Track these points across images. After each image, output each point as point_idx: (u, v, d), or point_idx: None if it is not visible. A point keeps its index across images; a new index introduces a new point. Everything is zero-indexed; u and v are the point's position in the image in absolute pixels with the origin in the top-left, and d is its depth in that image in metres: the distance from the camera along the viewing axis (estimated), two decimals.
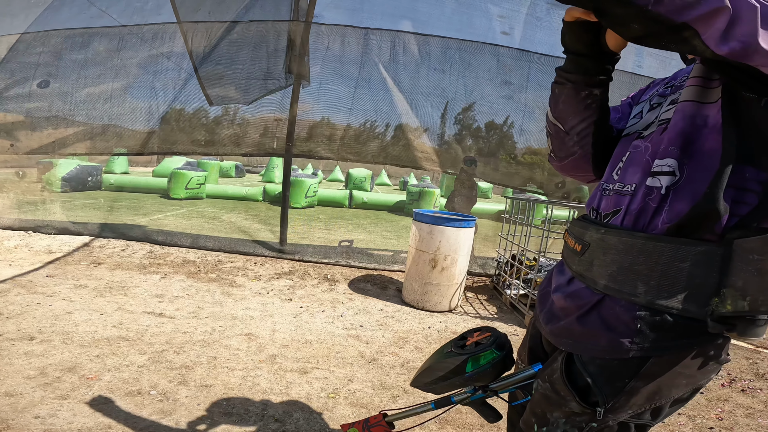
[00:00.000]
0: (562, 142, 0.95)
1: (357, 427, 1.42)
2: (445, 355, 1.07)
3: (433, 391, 1.09)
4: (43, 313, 2.83)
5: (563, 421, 0.82)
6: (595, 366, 0.78)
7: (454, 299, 3.70)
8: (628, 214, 0.79)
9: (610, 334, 0.76)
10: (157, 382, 2.13)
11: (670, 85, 0.88)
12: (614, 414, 0.78)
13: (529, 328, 1.07)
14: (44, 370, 2.13)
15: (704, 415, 2.30)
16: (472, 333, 1.10)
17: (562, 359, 0.83)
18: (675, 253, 0.70)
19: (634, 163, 0.81)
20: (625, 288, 0.75)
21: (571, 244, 0.89)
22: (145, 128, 5.03)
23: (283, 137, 4.80)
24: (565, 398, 0.80)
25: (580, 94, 0.86)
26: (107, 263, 4.10)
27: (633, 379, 0.75)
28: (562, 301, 0.87)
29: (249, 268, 4.28)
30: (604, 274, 0.78)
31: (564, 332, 0.84)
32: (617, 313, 0.76)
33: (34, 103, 5.06)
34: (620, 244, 0.77)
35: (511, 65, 4.68)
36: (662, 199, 0.74)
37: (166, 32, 4.86)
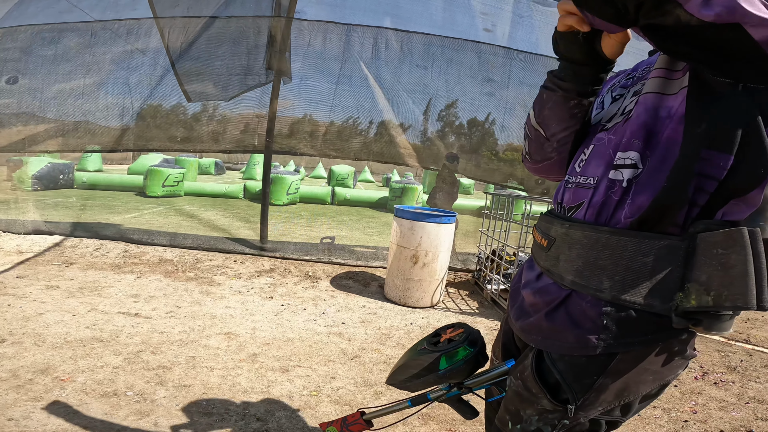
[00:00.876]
0: (540, 146, 0.93)
1: (335, 426, 1.42)
2: (418, 352, 1.06)
3: (408, 388, 1.09)
4: (14, 314, 2.72)
5: (536, 419, 0.81)
6: (564, 363, 0.78)
7: (435, 295, 3.73)
8: (590, 207, 0.78)
9: (577, 331, 0.76)
10: (133, 382, 2.08)
11: (631, 76, 0.88)
12: (585, 411, 0.77)
13: (503, 324, 1.06)
14: (16, 372, 2.06)
15: (678, 408, 2.35)
16: (445, 330, 1.10)
17: (533, 356, 0.83)
18: (638, 247, 0.70)
19: (597, 156, 0.80)
20: (591, 283, 0.74)
21: (538, 239, 0.89)
22: (119, 125, 4.88)
23: (263, 134, 4.74)
24: (536, 395, 0.80)
25: (569, 103, 0.83)
26: (80, 263, 3.97)
27: (601, 375, 0.74)
28: (531, 297, 0.86)
29: (228, 266, 4.22)
30: (571, 270, 0.78)
31: (533, 329, 0.84)
32: (584, 309, 0.76)
33: (2, 99, 4.86)
34: (584, 239, 0.76)
35: (493, 62, 4.72)
36: (624, 192, 0.73)
37: (141, 27, 4.72)
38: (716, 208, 0.68)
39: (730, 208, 0.68)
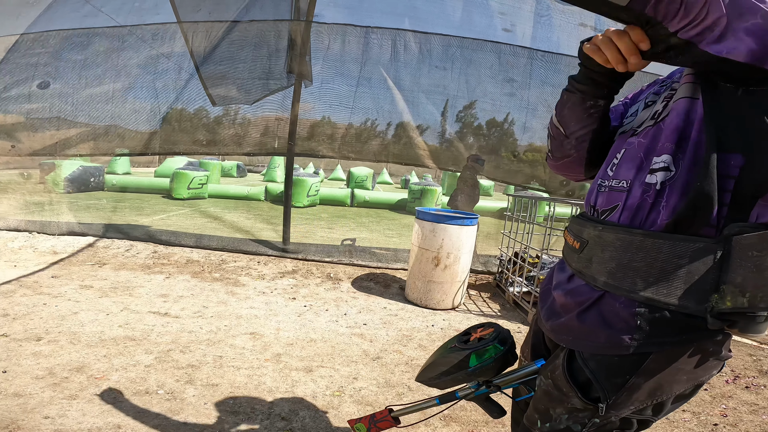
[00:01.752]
0: (560, 144, 0.98)
1: (363, 423, 1.44)
2: (448, 350, 1.08)
3: (437, 386, 1.12)
4: (50, 313, 2.85)
5: (566, 417, 0.83)
6: (596, 362, 0.79)
7: (457, 297, 3.71)
8: (625, 210, 0.80)
9: (610, 331, 0.77)
10: (164, 381, 2.15)
11: (665, 84, 0.90)
12: (616, 410, 0.78)
13: (532, 325, 1.08)
14: (52, 370, 2.15)
15: (708, 412, 2.30)
16: (475, 329, 1.12)
17: (564, 356, 0.84)
18: (673, 249, 0.71)
19: (628, 160, 0.82)
20: (624, 284, 0.75)
21: (570, 241, 0.90)
22: (147, 129, 5.04)
23: (284, 137, 4.81)
24: (567, 394, 0.81)
25: (585, 104, 0.89)
26: (112, 263, 4.12)
27: (633, 375, 0.75)
28: (563, 298, 0.88)
29: (252, 267, 4.30)
30: (603, 271, 0.79)
31: (564, 329, 0.85)
32: (616, 310, 0.77)
33: (34, 104, 5.07)
34: (618, 241, 0.77)
35: (514, 62, 4.67)
36: (658, 194, 0.74)
37: (167, 32, 4.86)
38: (746, 209, 0.69)
39: (763, 210, 0.69)
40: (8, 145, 5.19)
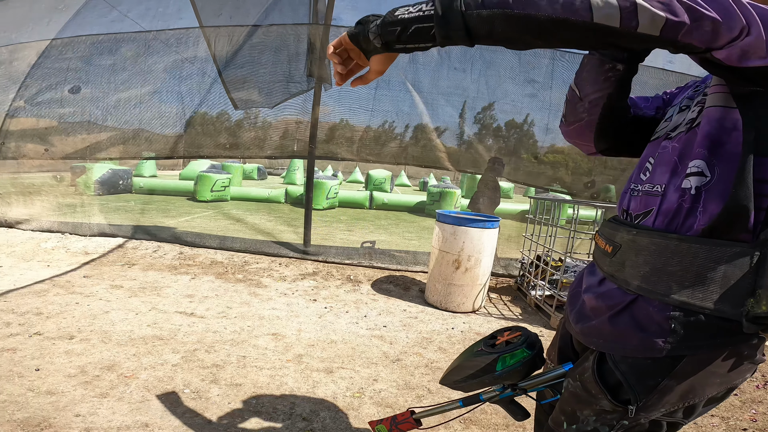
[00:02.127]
0: (574, 107, 0.99)
1: (385, 424, 1.45)
2: (475, 353, 1.09)
3: (462, 389, 1.12)
4: (82, 312, 2.96)
5: (593, 419, 0.83)
6: (627, 365, 0.79)
7: (477, 300, 3.69)
8: (660, 215, 0.80)
9: (642, 334, 0.77)
10: (190, 380, 2.21)
11: (698, 89, 0.90)
12: (646, 412, 0.79)
13: (559, 328, 1.08)
14: (84, 368, 2.23)
15: (738, 417, 2.25)
16: (502, 332, 1.12)
17: (594, 358, 0.84)
18: (710, 254, 0.71)
19: (662, 164, 0.82)
20: (659, 288, 0.76)
21: (602, 245, 0.90)
22: (172, 132, 5.18)
23: (303, 139, 4.87)
24: (596, 396, 0.82)
25: (603, 66, 0.90)
26: (140, 264, 4.25)
27: (666, 377, 0.76)
28: (594, 301, 0.88)
29: (274, 268, 4.37)
30: (637, 275, 0.79)
31: (595, 332, 0.86)
32: (650, 314, 0.77)
33: (66, 108, 5.28)
34: (652, 245, 0.77)
35: (535, 63, 4.61)
36: (694, 199, 0.74)
37: (190, 37, 4.99)
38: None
39: None
40: (42, 148, 5.43)
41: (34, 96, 5.34)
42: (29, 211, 5.50)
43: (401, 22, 0.69)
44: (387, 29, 0.70)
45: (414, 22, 0.68)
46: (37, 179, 6.05)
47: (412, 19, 0.68)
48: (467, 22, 0.65)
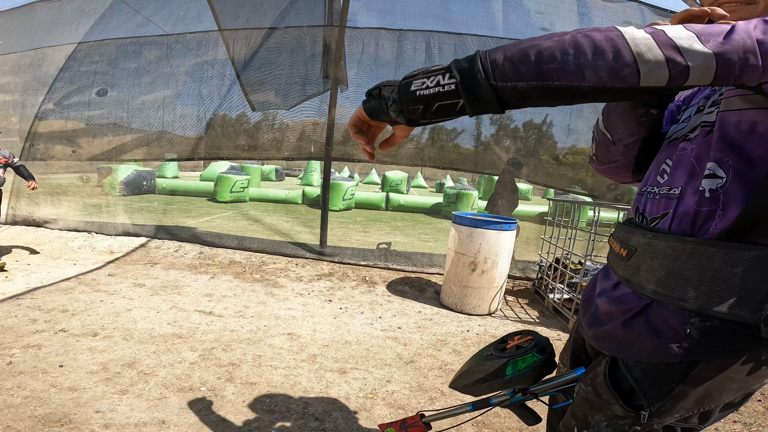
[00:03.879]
0: (606, 150, 0.96)
1: (394, 428, 1.45)
2: (485, 357, 1.08)
3: (472, 393, 1.11)
4: (106, 310, 3.05)
5: (605, 425, 0.82)
6: (641, 370, 0.78)
7: (494, 303, 3.64)
8: (676, 218, 0.78)
9: (658, 339, 0.76)
10: (206, 378, 2.25)
11: (714, 88, 0.87)
12: (660, 418, 0.77)
13: (572, 332, 1.07)
14: (106, 365, 2.30)
15: (761, 423, 2.18)
16: (512, 336, 1.11)
17: (606, 363, 0.83)
18: (727, 258, 0.69)
19: (680, 166, 0.80)
20: (675, 293, 0.74)
21: (617, 248, 0.88)
22: (193, 134, 5.31)
23: (320, 141, 4.91)
24: (607, 402, 0.81)
25: (636, 111, 0.85)
26: (162, 263, 4.36)
27: (681, 383, 0.74)
28: (607, 305, 0.87)
29: (291, 269, 4.41)
30: (652, 279, 0.78)
31: (608, 336, 0.84)
32: (665, 318, 0.75)
33: (93, 111, 5.47)
34: (669, 249, 0.76)
35: None
36: (712, 202, 0.73)
37: (209, 40, 5.10)
38: None
39: None
40: (69, 150, 5.63)
41: (62, 99, 5.55)
42: (57, 211, 5.71)
43: (422, 99, 0.65)
44: (408, 107, 0.66)
45: (436, 99, 0.64)
46: (64, 180, 6.27)
47: (434, 96, 0.64)
48: (500, 95, 0.62)
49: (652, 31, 0.60)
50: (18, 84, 5.78)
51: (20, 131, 5.72)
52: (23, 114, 5.75)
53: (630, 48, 0.59)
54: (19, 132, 5.74)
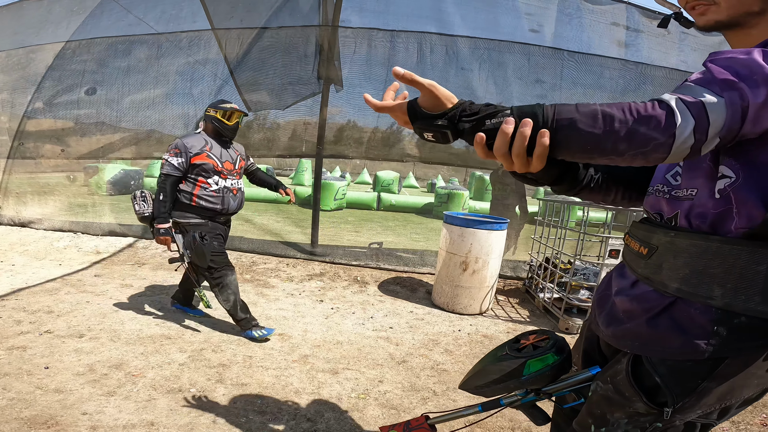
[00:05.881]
0: (601, 197, 1.01)
1: (397, 429, 1.42)
2: (499, 357, 1.05)
3: (484, 394, 1.09)
4: (92, 311, 3.00)
5: (625, 422, 0.83)
6: (666, 367, 0.79)
7: (485, 302, 3.66)
8: (695, 218, 0.79)
9: (684, 336, 0.77)
10: (196, 379, 2.22)
11: None
12: (682, 414, 0.79)
13: (583, 331, 1.07)
14: (93, 367, 2.26)
15: (748, 421, 2.22)
16: (527, 336, 1.09)
17: (628, 361, 0.84)
18: (752, 256, 0.71)
19: (693, 168, 0.81)
20: (700, 291, 0.75)
21: (636, 247, 0.89)
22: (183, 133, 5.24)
23: (311, 141, 4.89)
24: (630, 399, 0.82)
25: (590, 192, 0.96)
26: (150, 263, 4.30)
27: (706, 379, 0.76)
28: (627, 303, 0.87)
29: (281, 269, 4.38)
30: (676, 278, 0.78)
31: (630, 334, 0.85)
32: (692, 316, 0.76)
33: (82, 109, 5.38)
34: (693, 248, 0.77)
35: (543, 63, 4.57)
36: (726, 202, 0.73)
37: (201, 39, 5.05)
38: None
39: None
40: (58, 148, 5.53)
41: (52, 97, 5.45)
42: (43, 211, 5.60)
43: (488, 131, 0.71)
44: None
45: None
46: (52, 179, 6.15)
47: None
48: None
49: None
50: (7, 82, 5.67)
51: (9, 130, 5.62)
52: (12, 113, 5.64)
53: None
54: (8, 131, 5.62)
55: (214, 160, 2.72)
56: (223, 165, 2.75)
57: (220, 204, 2.75)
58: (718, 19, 0.77)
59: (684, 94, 0.63)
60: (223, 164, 2.76)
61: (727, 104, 0.61)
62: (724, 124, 0.62)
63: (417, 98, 0.75)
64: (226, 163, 2.78)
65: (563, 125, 0.66)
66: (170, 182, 2.60)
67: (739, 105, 0.61)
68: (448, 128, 0.72)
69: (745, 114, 0.61)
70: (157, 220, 2.57)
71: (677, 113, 0.61)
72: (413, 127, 0.75)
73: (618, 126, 0.63)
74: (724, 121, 0.61)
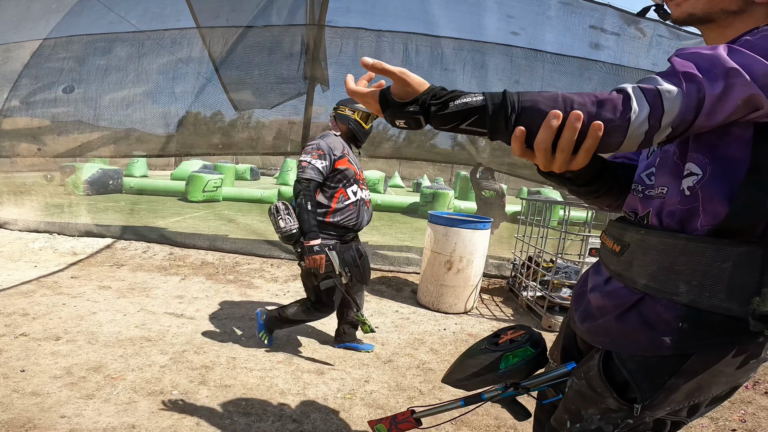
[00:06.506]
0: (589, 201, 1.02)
1: (384, 423, 1.44)
2: (479, 351, 1.08)
3: (465, 387, 1.11)
4: (69, 313, 2.92)
5: (598, 418, 0.83)
6: (635, 363, 0.79)
7: (469, 301, 3.69)
8: (666, 216, 0.80)
9: (651, 332, 0.78)
10: (178, 381, 2.18)
11: None
12: (652, 411, 0.79)
13: (563, 327, 1.08)
14: (70, 369, 2.20)
15: (727, 417, 2.27)
16: (505, 331, 1.12)
17: (600, 356, 0.84)
18: (716, 253, 0.72)
19: (664, 166, 0.82)
20: (667, 287, 0.76)
21: (610, 244, 0.90)
22: (164, 132, 5.15)
23: (297, 140, 4.86)
24: (601, 395, 0.82)
25: (583, 193, 0.94)
26: (129, 265, 4.20)
27: (673, 376, 0.76)
28: (600, 300, 0.88)
29: (265, 270, 4.34)
30: (644, 274, 0.79)
31: (601, 330, 0.86)
32: (658, 312, 0.77)
33: (60, 108, 5.23)
34: (661, 245, 0.78)
35: (524, 65, 4.64)
36: (691, 200, 0.75)
37: (184, 38, 4.96)
38: None
39: None
40: (35, 148, 5.37)
41: (28, 95, 5.28)
42: (18, 211, 5.42)
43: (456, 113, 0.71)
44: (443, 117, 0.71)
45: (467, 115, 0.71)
46: (29, 179, 5.98)
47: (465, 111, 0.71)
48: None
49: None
50: None
51: None
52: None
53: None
54: None
55: (354, 166, 2.37)
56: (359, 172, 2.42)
57: (355, 218, 2.39)
58: (692, 12, 0.78)
59: (643, 83, 0.64)
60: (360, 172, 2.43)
61: (684, 94, 0.61)
62: (678, 113, 0.62)
63: (389, 86, 0.74)
64: (360, 171, 2.46)
65: (526, 107, 0.65)
66: (313, 188, 2.24)
67: (696, 96, 0.61)
68: (420, 114, 0.71)
69: (700, 105, 0.62)
70: (307, 236, 2.17)
71: (633, 98, 0.62)
72: (384, 115, 0.74)
73: (577, 108, 0.63)
74: (678, 110, 0.62)
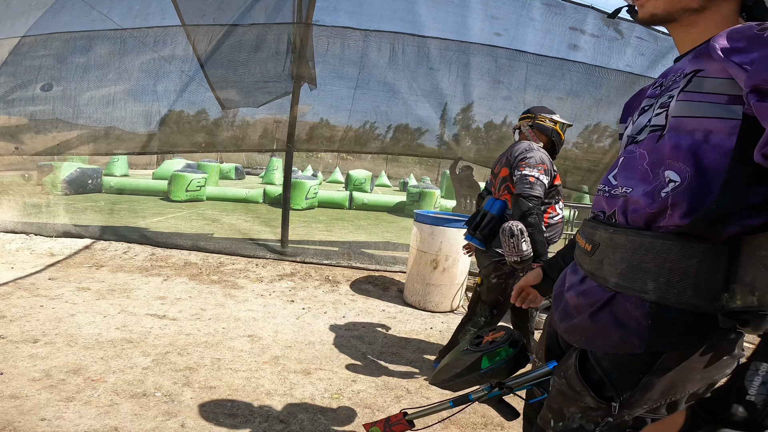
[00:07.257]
0: None
1: (378, 426, 1.46)
2: (461, 353, 1.11)
3: (451, 388, 1.14)
4: (47, 315, 2.84)
5: (579, 416, 0.84)
6: (608, 361, 0.80)
7: (455, 299, 3.71)
8: (631, 213, 0.80)
9: (622, 331, 0.78)
10: (161, 383, 2.14)
11: (658, 84, 0.87)
12: (629, 409, 0.79)
13: (546, 327, 1.09)
14: (49, 372, 2.14)
15: None
16: (487, 332, 1.15)
17: (576, 355, 0.85)
18: (683, 250, 0.71)
19: (630, 169, 0.82)
20: (635, 285, 0.76)
21: (582, 244, 0.91)
22: (146, 131, 5.05)
23: (282, 139, 4.82)
24: (580, 393, 0.82)
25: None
26: (109, 265, 4.11)
27: (647, 374, 0.76)
28: (575, 299, 0.89)
29: (251, 269, 4.29)
30: (614, 272, 0.80)
31: (577, 329, 0.87)
32: (628, 310, 0.78)
33: (38, 106, 5.08)
34: (628, 243, 0.78)
35: (509, 65, 4.70)
36: (663, 203, 0.74)
37: (168, 36, 4.87)
38: (760, 212, 0.68)
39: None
40: (12, 146, 5.20)
41: (5, 93, 5.12)
42: None
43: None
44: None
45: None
46: (5, 178, 5.78)
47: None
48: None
49: None
50: None
51: None
52: None
53: None
54: None
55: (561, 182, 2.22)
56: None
57: (559, 235, 2.23)
58: (654, 13, 0.79)
59: None
60: None
61: None
62: None
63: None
64: None
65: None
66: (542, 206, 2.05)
67: None
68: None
69: None
70: (541, 259, 1.98)
71: None
72: None
73: None
74: None
